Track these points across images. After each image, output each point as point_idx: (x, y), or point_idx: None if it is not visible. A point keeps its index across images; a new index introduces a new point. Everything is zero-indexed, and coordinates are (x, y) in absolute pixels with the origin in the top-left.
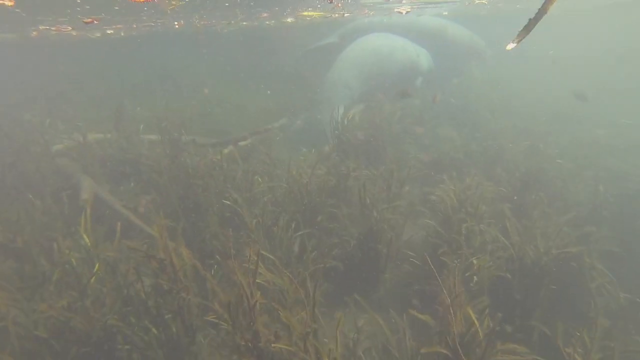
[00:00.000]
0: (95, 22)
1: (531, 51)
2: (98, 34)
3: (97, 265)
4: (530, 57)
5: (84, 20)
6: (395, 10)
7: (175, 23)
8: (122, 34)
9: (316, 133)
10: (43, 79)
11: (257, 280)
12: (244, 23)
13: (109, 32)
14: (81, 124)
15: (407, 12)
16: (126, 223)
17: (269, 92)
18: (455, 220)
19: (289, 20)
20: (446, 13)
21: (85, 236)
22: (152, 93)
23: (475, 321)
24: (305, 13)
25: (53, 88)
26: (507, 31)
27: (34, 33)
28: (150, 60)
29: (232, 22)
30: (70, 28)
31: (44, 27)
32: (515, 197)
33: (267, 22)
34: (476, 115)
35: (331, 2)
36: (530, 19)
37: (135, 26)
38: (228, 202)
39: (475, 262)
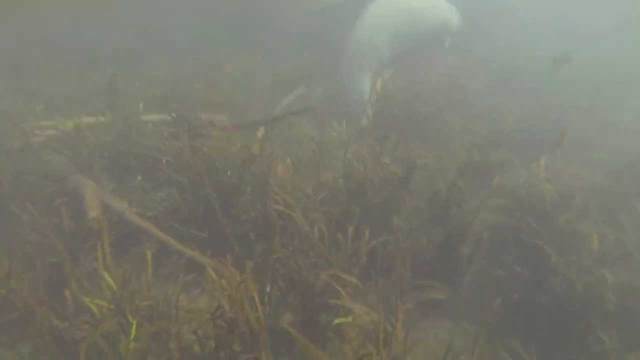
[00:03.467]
0: None
1: None
2: None
3: (133, 327)
4: None
5: None
6: None
7: None
8: None
9: (340, 103)
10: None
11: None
12: None
13: None
14: (61, 102)
15: None
16: (144, 235)
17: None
18: (554, 216)
19: None
20: None
21: (107, 276)
22: (142, 60)
23: None
24: None
25: (16, 55)
26: None
27: None
28: (137, 20)
29: None
30: None
31: None
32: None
33: None
34: (530, 83)
35: None
36: None
37: None
38: (280, 208)
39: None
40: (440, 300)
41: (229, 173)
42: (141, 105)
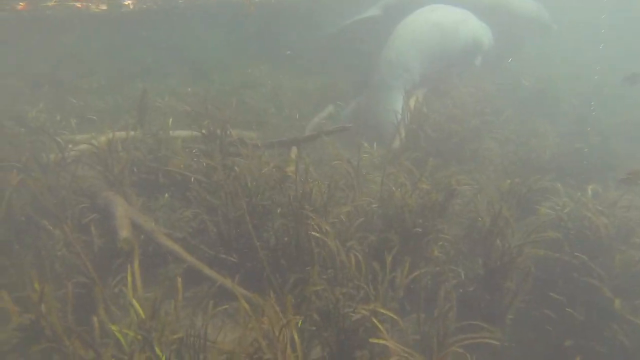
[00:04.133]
0: None
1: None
2: (104, 7)
3: None
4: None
5: None
6: None
7: None
8: (131, 7)
9: (370, 123)
10: (40, 61)
11: None
12: None
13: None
14: (94, 117)
15: None
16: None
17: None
18: (610, 253)
19: None
20: None
21: (136, 304)
22: (168, 76)
23: None
24: None
25: (55, 73)
26: None
27: (21, 5)
28: (161, 38)
29: None
30: None
31: None
32: None
33: None
34: (560, 102)
35: None
36: None
37: None
38: (317, 234)
39: None
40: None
41: (260, 195)
42: (170, 120)
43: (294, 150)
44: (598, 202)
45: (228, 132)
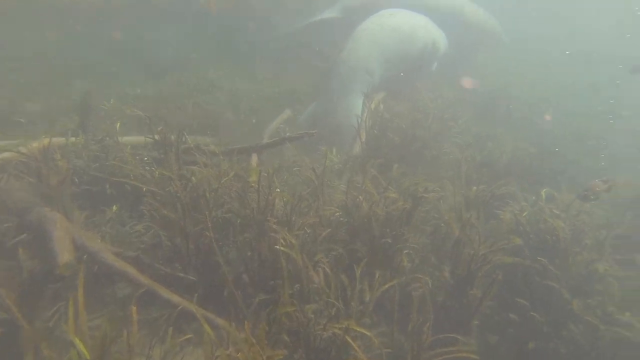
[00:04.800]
0: None
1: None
2: None
3: None
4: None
5: None
6: None
7: None
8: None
9: (329, 127)
10: None
11: None
12: None
13: None
14: (23, 120)
15: None
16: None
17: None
18: (567, 255)
19: None
20: None
21: (79, 344)
22: (113, 76)
23: None
24: None
25: None
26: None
27: None
28: (104, 34)
29: None
30: None
31: None
32: None
33: None
34: (513, 110)
35: None
36: None
37: None
38: (283, 249)
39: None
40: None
41: (220, 207)
42: (118, 125)
43: (255, 157)
44: (554, 206)
45: (184, 139)
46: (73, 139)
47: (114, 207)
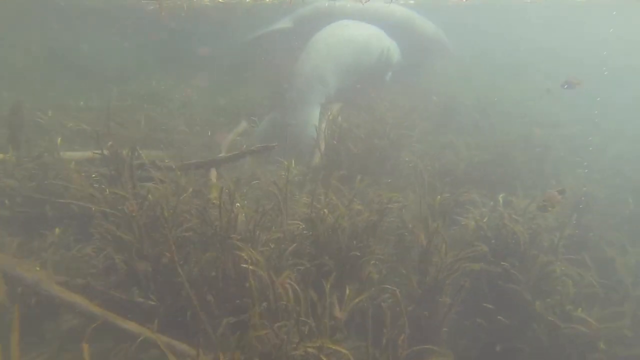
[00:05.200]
0: None
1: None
2: None
3: None
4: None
5: None
6: None
7: None
8: None
9: (287, 138)
10: None
11: None
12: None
13: None
14: None
15: None
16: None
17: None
18: (529, 257)
19: None
20: (412, 2)
21: None
22: (49, 85)
23: None
24: None
25: None
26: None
27: None
28: (37, 40)
29: None
30: None
31: None
32: None
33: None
34: (465, 118)
35: None
36: None
37: None
38: (250, 267)
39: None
40: None
41: (179, 226)
42: (59, 140)
43: (214, 172)
44: (512, 211)
45: (137, 154)
46: (1, 155)
47: (57, 230)
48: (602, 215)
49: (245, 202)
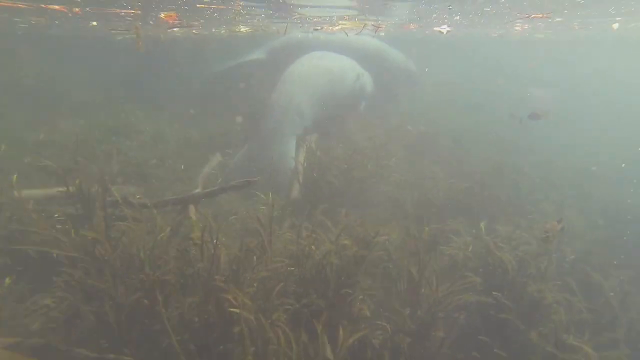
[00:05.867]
0: None
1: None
2: None
3: None
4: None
5: None
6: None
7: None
8: None
9: (259, 172)
10: None
11: None
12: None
13: None
14: None
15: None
16: None
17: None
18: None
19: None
20: (383, 34)
21: None
22: (8, 117)
23: None
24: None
25: None
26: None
27: None
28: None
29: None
30: None
31: None
32: None
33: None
34: (440, 146)
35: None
36: None
37: None
38: (237, 310)
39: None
40: None
41: (157, 269)
42: (15, 177)
43: (192, 208)
44: (498, 239)
45: (108, 190)
46: None
47: (7, 280)
48: (578, 239)
49: (224, 239)
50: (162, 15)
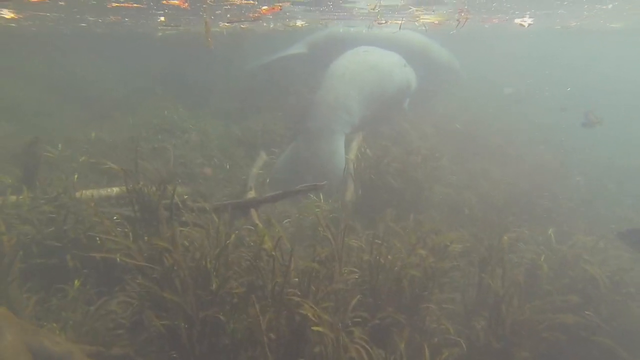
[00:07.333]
0: None
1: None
2: None
3: None
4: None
5: None
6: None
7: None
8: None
9: (306, 172)
10: None
11: None
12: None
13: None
14: None
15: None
16: None
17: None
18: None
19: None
20: (425, 28)
21: None
22: (48, 116)
23: None
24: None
25: None
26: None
27: None
28: (30, 68)
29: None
30: None
31: None
32: None
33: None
34: (492, 145)
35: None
36: None
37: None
38: (319, 329)
39: None
40: None
41: (226, 280)
42: (76, 177)
43: (255, 214)
44: (581, 250)
45: (167, 193)
46: (14, 197)
47: (76, 283)
48: None
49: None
50: (264, 9)
